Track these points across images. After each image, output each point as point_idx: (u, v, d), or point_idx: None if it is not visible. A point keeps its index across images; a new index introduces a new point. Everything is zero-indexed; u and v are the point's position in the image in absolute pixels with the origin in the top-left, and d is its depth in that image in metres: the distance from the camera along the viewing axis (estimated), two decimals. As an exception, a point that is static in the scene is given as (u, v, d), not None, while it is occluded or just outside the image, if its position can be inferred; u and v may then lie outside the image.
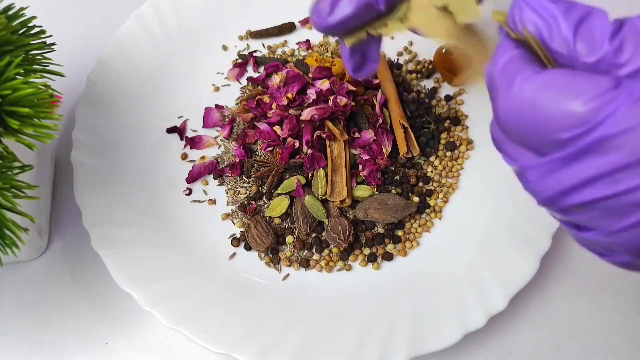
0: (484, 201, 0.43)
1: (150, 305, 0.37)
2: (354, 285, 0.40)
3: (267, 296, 0.40)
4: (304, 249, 0.42)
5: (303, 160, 0.43)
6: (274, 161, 0.43)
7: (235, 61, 0.51)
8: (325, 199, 0.42)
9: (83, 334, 0.40)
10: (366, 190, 0.42)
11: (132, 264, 0.39)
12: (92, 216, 0.40)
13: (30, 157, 0.38)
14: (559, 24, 0.22)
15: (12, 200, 0.29)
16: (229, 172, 0.44)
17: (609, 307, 0.41)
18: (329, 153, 0.43)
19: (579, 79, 0.20)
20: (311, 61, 0.47)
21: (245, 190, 0.44)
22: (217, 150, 0.46)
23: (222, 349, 0.36)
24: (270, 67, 0.48)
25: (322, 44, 0.51)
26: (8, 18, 0.32)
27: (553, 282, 0.42)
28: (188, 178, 0.44)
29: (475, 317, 0.36)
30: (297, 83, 0.44)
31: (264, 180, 0.44)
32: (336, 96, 0.43)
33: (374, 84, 0.47)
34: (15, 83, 0.28)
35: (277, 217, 0.42)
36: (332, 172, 0.42)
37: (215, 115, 0.47)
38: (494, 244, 0.40)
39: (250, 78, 0.49)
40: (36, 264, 0.43)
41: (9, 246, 0.30)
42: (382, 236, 0.42)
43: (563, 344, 0.40)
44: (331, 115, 0.43)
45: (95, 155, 0.43)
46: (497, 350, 0.39)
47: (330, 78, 0.45)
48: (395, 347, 0.36)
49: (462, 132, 0.46)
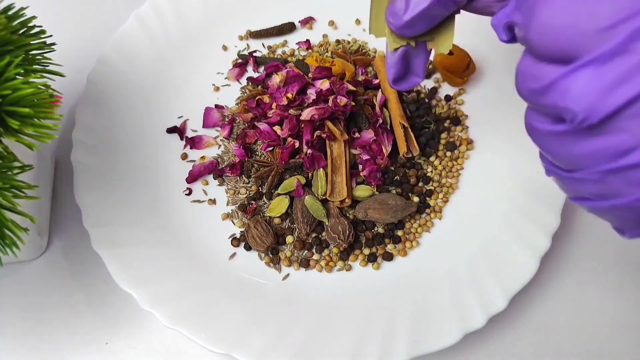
0: (484, 201, 0.43)
1: (150, 305, 0.37)
2: (354, 285, 0.40)
3: (267, 296, 0.40)
4: (304, 249, 0.42)
5: (303, 160, 0.43)
6: (274, 161, 0.43)
7: (235, 61, 0.51)
8: (325, 199, 0.42)
9: (83, 334, 0.40)
10: (366, 190, 0.42)
11: (132, 264, 0.39)
12: (92, 216, 0.40)
13: (30, 157, 0.38)
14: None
15: (12, 200, 0.29)
16: (229, 172, 0.44)
17: (609, 307, 0.41)
18: (329, 153, 0.43)
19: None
20: (311, 61, 0.47)
21: (245, 190, 0.44)
22: (217, 150, 0.46)
23: (222, 349, 0.36)
24: (270, 67, 0.48)
25: (322, 44, 0.51)
26: (8, 18, 0.32)
27: (553, 282, 0.42)
28: (188, 178, 0.44)
29: (475, 317, 0.36)
30: (297, 83, 0.44)
31: (264, 180, 0.44)
32: (336, 96, 0.43)
33: (374, 84, 0.47)
34: (15, 83, 0.28)
35: (277, 217, 0.42)
36: (332, 172, 0.42)
37: (215, 115, 0.47)
38: (494, 244, 0.40)
39: (250, 78, 0.49)
40: (36, 264, 0.43)
41: (9, 246, 0.30)
42: (382, 236, 0.42)
43: (563, 344, 0.40)
44: (331, 115, 0.43)
45: (96, 155, 0.43)
46: (497, 350, 0.39)
47: (330, 78, 0.45)
48: (395, 347, 0.36)
49: (462, 132, 0.46)
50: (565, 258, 0.43)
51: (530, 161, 0.42)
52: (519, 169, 0.42)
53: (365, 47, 0.51)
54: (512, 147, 0.43)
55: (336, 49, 0.50)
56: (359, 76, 0.48)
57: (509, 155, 0.43)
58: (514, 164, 0.43)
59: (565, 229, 0.43)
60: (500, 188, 0.42)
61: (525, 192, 0.41)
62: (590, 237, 0.44)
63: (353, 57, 0.49)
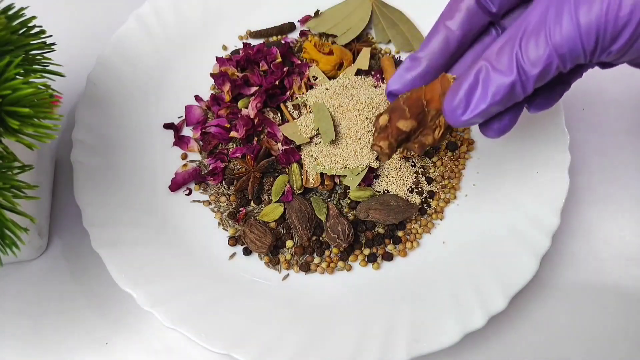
0: (484, 201, 0.43)
1: (150, 305, 0.37)
2: (354, 285, 0.40)
3: (267, 296, 0.40)
4: (304, 254, 0.42)
5: (278, 157, 0.43)
6: (249, 167, 0.43)
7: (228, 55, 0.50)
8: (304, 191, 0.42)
9: (83, 334, 0.40)
10: (367, 191, 0.42)
11: (132, 264, 0.39)
12: (92, 216, 0.40)
13: (30, 157, 0.38)
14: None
15: (12, 200, 0.29)
16: (211, 180, 0.44)
17: (609, 307, 0.41)
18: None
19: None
20: (309, 45, 0.47)
21: (226, 199, 0.43)
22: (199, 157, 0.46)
23: (222, 349, 0.36)
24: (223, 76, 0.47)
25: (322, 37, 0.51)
26: (8, 18, 0.32)
27: (553, 282, 0.42)
28: (172, 186, 0.43)
29: (475, 317, 0.36)
30: (227, 80, 0.46)
31: (245, 191, 0.43)
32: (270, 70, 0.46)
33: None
34: (15, 83, 0.28)
35: (272, 222, 0.42)
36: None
37: (196, 112, 0.47)
38: (494, 244, 0.40)
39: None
40: (36, 264, 0.43)
41: (9, 246, 0.30)
42: (382, 236, 0.42)
43: (563, 344, 0.40)
44: (273, 95, 0.45)
45: (95, 155, 0.43)
46: (497, 350, 0.39)
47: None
48: (395, 347, 0.36)
49: (463, 132, 0.46)
50: (565, 258, 0.43)
51: (531, 161, 0.42)
52: (520, 169, 0.42)
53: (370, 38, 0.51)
54: (512, 148, 0.43)
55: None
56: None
57: (510, 155, 0.43)
58: (515, 165, 0.43)
59: (565, 229, 0.43)
60: (501, 188, 0.42)
61: (525, 192, 0.41)
62: (590, 237, 0.44)
63: (358, 45, 0.49)
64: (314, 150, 0.43)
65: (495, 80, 0.27)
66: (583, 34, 0.25)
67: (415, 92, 0.32)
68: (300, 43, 0.50)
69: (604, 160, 0.47)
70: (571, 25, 0.25)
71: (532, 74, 0.26)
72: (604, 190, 0.46)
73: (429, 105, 0.31)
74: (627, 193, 0.45)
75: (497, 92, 0.27)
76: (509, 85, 0.27)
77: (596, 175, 0.46)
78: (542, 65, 0.26)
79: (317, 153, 0.43)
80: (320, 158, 0.42)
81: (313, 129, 0.43)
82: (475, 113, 0.28)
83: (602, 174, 0.46)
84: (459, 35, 0.32)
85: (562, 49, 0.25)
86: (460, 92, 0.28)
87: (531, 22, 0.26)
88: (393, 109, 0.32)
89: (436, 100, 0.31)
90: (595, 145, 0.47)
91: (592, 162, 0.47)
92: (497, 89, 0.27)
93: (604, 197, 0.45)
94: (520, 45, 0.26)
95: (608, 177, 0.46)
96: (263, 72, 0.47)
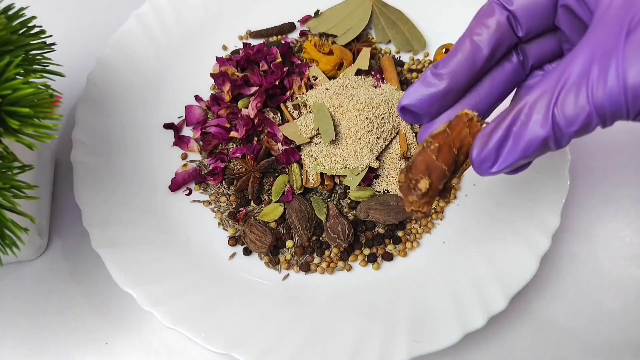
0: (484, 201, 0.43)
1: (150, 305, 0.37)
2: (354, 285, 0.40)
3: (267, 296, 0.40)
4: (304, 254, 0.42)
5: (277, 157, 0.43)
6: (249, 167, 0.43)
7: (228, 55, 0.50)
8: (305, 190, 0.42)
9: (83, 334, 0.40)
10: (367, 191, 0.42)
11: (132, 264, 0.39)
12: (92, 216, 0.40)
13: (30, 157, 0.38)
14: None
15: (12, 200, 0.29)
16: (211, 180, 0.44)
17: (609, 307, 0.41)
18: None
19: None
20: (309, 45, 0.47)
21: (226, 199, 0.43)
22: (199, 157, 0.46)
23: (222, 349, 0.36)
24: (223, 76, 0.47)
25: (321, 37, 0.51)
26: (8, 18, 0.32)
27: (553, 282, 0.42)
28: (172, 186, 0.43)
29: (475, 317, 0.36)
30: (227, 80, 0.46)
31: (245, 191, 0.43)
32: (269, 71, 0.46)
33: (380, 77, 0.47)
34: (15, 83, 0.28)
35: (272, 222, 0.42)
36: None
37: (196, 112, 0.47)
38: (494, 244, 0.40)
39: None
40: (36, 264, 0.43)
41: (9, 246, 0.30)
42: (382, 236, 0.42)
43: (563, 344, 0.40)
44: (273, 95, 0.45)
45: (95, 155, 0.43)
46: (497, 350, 0.39)
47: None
48: (395, 347, 0.36)
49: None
50: (565, 258, 0.43)
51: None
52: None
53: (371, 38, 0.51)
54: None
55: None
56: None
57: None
58: (514, 164, 0.43)
59: (565, 229, 0.43)
60: (501, 188, 0.42)
61: (525, 192, 0.41)
62: (590, 237, 0.44)
63: (358, 45, 0.49)
64: (314, 150, 0.43)
65: (528, 135, 0.25)
66: (629, 97, 0.23)
67: (442, 138, 0.28)
68: (300, 43, 0.50)
69: (604, 160, 0.47)
70: (617, 85, 0.23)
71: (568, 132, 0.25)
72: (604, 190, 0.46)
73: (459, 154, 0.29)
74: (627, 193, 0.46)
75: (529, 147, 0.25)
76: (542, 141, 0.25)
77: (596, 175, 0.46)
78: (580, 124, 0.24)
79: (317, 153, 0.43)
80: (320, 158, 0.42)
81: (313, 129, 0.43)
82: (504, 167, 0.26)
83: (602, 174, 0.46)
84: (487, 54, 0.29)
85: (603, 110, 0.23)
86: (490, 144, 0.26)
87: (571, 75, 0.24)
88: (430, 168, 0.28)
89: (465, 146, 0.28)
90: (595, 145, 0.47)
91: (592, 162, 0.47)
92: (528, 144, 0.25)
93: (604, 197, 0.45)
94: (557, 100, 0.24)
95: (608, 177, 0.46)
96: (263, 72, 0.47)
